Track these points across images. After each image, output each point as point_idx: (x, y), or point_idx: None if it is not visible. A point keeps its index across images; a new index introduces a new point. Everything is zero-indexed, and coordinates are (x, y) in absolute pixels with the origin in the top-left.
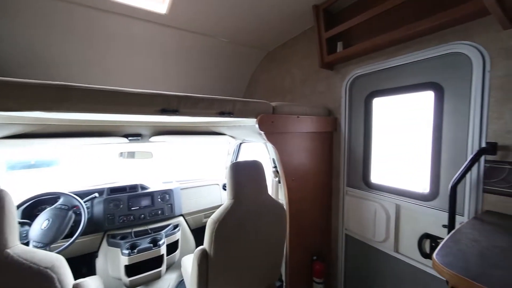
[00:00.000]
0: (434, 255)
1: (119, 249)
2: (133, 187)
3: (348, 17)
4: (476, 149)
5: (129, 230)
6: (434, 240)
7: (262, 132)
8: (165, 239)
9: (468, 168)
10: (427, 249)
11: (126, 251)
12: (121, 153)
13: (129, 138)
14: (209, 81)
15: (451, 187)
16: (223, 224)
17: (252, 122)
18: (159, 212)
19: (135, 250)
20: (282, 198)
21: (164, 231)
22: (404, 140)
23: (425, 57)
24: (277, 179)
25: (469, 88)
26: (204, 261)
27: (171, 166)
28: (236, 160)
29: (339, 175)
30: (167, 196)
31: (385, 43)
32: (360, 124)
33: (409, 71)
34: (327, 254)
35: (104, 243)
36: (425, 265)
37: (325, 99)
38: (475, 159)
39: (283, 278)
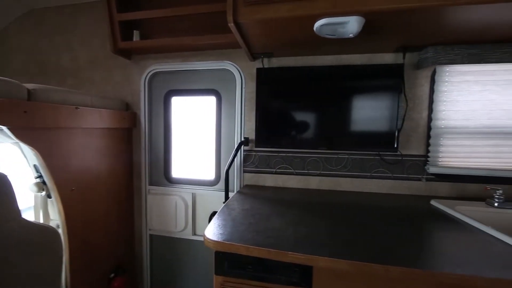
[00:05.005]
0: (205, 231)
1: None
2: None
3: (146, 7)
4: (238, 142)
5: None
6: None
7: (3, 127)
8: None
9: (234, 156)
10: None
11: None
12: None
13: None
14: None
15: (225, 171)
16: None
17: None
18: None
19: None
20: (55, 217)
21: None
22: (198, 136)
23: (209, 68)
24: (43, 193)
25: (234, 98)
26: None
27: None
28: None
29: (141, 174)
30: None
31: (180, 46)
32: (160, 121)
33: (199, 77)
34: (131, 263)
35: None
36: None
37: (123, 91)
38: (238, 149)
39: None
